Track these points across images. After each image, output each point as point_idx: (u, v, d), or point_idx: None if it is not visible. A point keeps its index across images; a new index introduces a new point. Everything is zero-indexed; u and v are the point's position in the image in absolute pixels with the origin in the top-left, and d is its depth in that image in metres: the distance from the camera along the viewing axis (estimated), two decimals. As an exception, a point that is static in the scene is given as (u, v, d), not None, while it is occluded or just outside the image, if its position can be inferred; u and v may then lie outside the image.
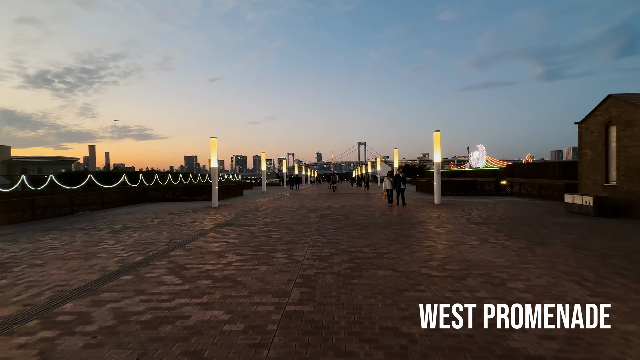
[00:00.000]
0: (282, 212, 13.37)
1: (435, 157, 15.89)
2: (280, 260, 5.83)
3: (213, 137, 16.59)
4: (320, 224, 9.89)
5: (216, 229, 9.52)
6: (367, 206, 14.95)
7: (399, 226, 9.39)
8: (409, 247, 6.70)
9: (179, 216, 12.69)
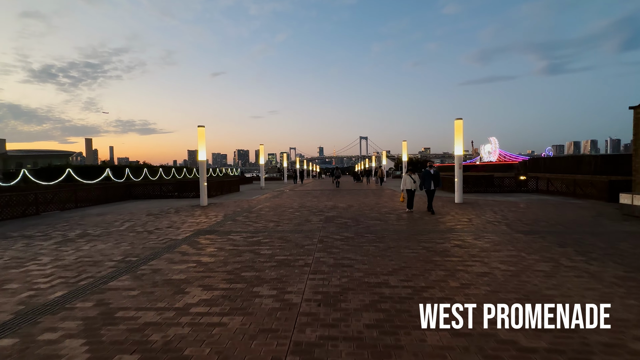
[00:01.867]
0: (278, 213, 11.32)
1: (457, 149, 13.74)
2: (264, 304, 3.77)
3: (201, 126, 14.49)
4: (324, 232, 7.83)
5: (192, 238, 7.48)
6: (378, 206, 12.87)
7: (426, 236, 7.32)
8: (455, 276, 4.63)
9: (156, 218, 10.67)
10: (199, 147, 14.46)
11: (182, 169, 38.34)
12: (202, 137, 14.47)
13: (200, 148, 14.46)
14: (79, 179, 20.79)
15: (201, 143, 14.45)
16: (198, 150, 14.48)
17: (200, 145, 14.45)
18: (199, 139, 14.45)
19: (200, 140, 14.44)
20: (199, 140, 14.45)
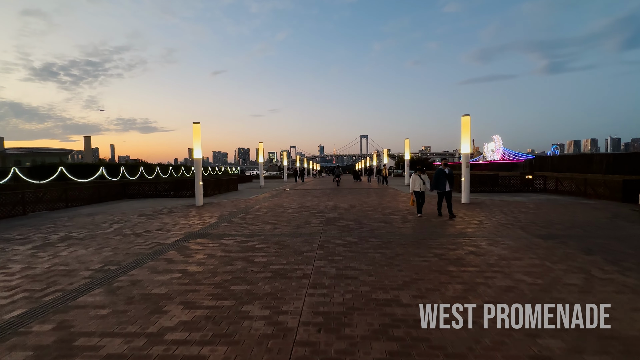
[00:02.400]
0: (277, 214, 10.72)
1: (464, 147, 13.12)
2: (254, 329, 3.18)
3: (196, 123, 13.88)
4: (325, 236, 7.23)
5: (182, 243, 6.89)
6: (381, 207, 12.27)
7: (436, 240, 6.72)
8: (476, 291, 4.03)
9: (147, 220, 10.08)
10: (195, 144, 13.85)
11: (180, 167, 37.61)
12: (197, 134, 13.86)
13: (195, 145, 13.85)
14: (73, 178, 20.23)
15: (197, 140, 13.84)
16: (194, 147, 13.87)
17: (195, 142, 13.84)
18: (194, 136, 13.84)
19: (195, 137, 13.83)
20: (194, 137, 13.84)
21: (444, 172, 9.38)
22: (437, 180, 9.39)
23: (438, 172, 9.43)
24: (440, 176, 9.34)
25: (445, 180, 9.30)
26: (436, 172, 9.50)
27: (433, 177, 9.45)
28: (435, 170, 9.78)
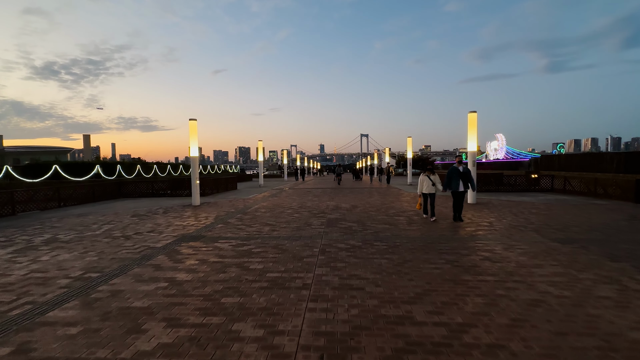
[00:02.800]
0: (276, 215, 10.26)
1: (470, 145, 12.63)
2: (245, 355, 2.70)
3: (192, 120, 13.40)
4: (326, 240, 6.76)
5: (173, 246, 6.43)
6: (385, 207, 11.79)
7: (446, 244, 6.24)
8: (499, 306, 3.55)
9: (140, 220, 9.62)
10: (191, 142, 13.38)
11: (179, 166, 37.09)
12: (194, 131, 13.38)
13: (192, 143, 13.37)
14: (67, 176, 19.75)
15: (193, 138, 13.37)
16: (190, 145, 13.39)
17: (192, 140, 13.37)
18: (190, 133, 13.36)
19: (192, 134, 13.36)
20: (191, 135, 13.36)
21: (458, 171, 8.43)
22: (450, 180, 8.47)
23: (451, 171, 8.48)
24: (454, 175, 8.42)
25: (459, 179, 8.38)
26: (449, 170, 8.56)
27: (446, 175, 8.54)
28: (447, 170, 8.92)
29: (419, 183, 8.79)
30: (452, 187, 8.46)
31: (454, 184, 8.45)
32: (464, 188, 8.45)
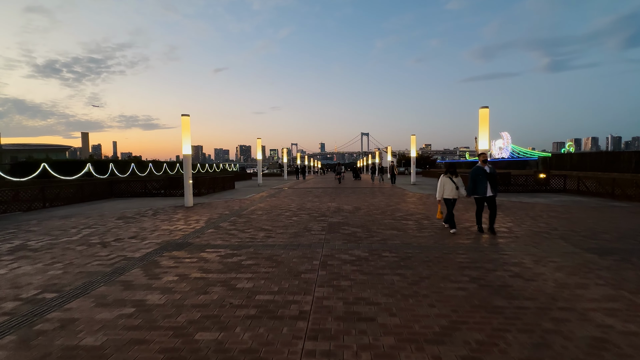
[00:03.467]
0: (272, 218, 9.46)
1: (482, 143, 11.80)
2: None
3: (185, 115, 12.58)
4: (328, 249, 5.96)
5: (153, 256, 5.63)
6: (390, 209, 10.99)
7: (465, 255, 5.43)
8: (552, 348, 2.74)
9: (125, 224, 8.84)
10: (183, 139, 12.57)
11: (176, 164, 36.18)
12: (186, 127, 12.58)
13: (184, 140, 12.57)
14: (57, 175, 18.94)
15: (186, 134, 12.56)
16: (182, 142, 12.59)
17: (184, 137, 12.56)
18: (182, 130, 12.55)
19: (184, 131, 12.55)
20: (183, 132, 12.56)
21: (484, 171, 6.99)
22: (475, 182, 7.03)
23: (476, 171, 7.06)
24: (480, 176, 7.00)
25: (486, 181, 6.96)
26: (473, 170, 7.13)
27: (469, 177, 7.18)
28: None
29: (439, 186, 7.32)
30: (479, 191, 6.99)
31: (481, 187, 6.98)
32: (493, 192, 6.99)
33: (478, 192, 7.05)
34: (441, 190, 7.28)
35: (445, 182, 7.23)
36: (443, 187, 7.24)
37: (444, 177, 7.24)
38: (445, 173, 7.31)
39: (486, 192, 6.99)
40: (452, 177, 7.20)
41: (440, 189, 7.30)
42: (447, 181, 7.20)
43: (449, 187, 7.17)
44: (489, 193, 6.99)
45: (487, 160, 7.15)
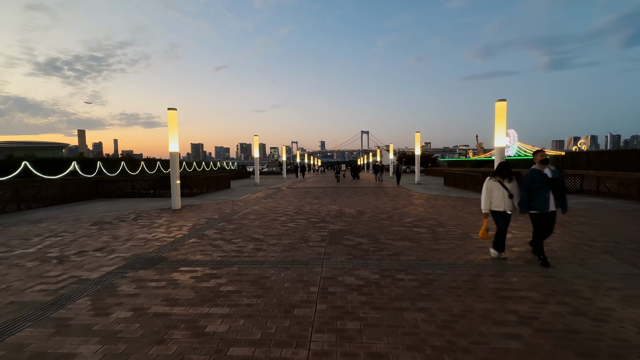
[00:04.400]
0: (265, 224, 8.37)
1: (498, 140, 10.68)
2: None
3: (172, 109, 11.47)
4: (329, 267, 4.87)
5: (113, 278, 4.55)
6: (398, 213, 9.91)
7: (501, 279, 4.35)
8: None
9: (97, 232, 7.76)
10: (170, 135, 11.45)
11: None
12: (173, 122, 11.46)
13: (171, 136, 11.45)
14: (39, 174, 17.83)
15: (172, 130, 11.44)
16: (169, 138, 11.48)
17: (171, 133, 11.44)
18: (169, 125, 11.44)
19: (171, 126, 11.43)
20: (170, 127, 11.44)
21: (545, 177, 4.82)
22: (530, 192, 4.91)
23: (532, 176, 4.90)
24: (537, 183, 4.83)
25: (547, 190, 4.81)
26: (528, 175, 4.96)
27: (522, 185, 5.03)
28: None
29: (485, 193, 5.28)
30: (537, 205, 4.87)
31: (539, 199, 4.84)
32: (557, 206, 4.86)
33: (535, 206, 4.88)
34: (488, 198, 5.26)
35: (492, 187, 5.24)
36: (490, 195, 5.25)
37: (492, 181, 5.26)
38: (493, 175, 5.32)
39: (547, 205, 4.81)
40: (504, 183, 5.15)
41: (486, 197, 5.27)
42: (496, 187, 5.21)
43: (499, 195, 5.17)
44: (551, 207, 4.82)
45: (547, 161, 4.98)
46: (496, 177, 5.24)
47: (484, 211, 5.31)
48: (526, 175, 5.00)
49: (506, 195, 5.13)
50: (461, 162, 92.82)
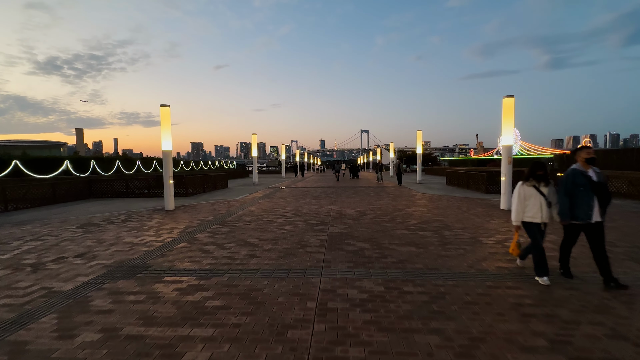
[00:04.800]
0: (261, 227, 7.91)
1: (505, 138, 10.23)
2: None
3: (164, 106, 11.00)
4: (328, 277, 4.41)
5: (86, 292, 4.09)
6: (401, 214, 9.45)
7: (518, 290, 3.89)
8: None
9: (83, 234, 7.31)
10: (163, 132, 10.98)
11: (173, 162, 34.47)
12: (166, 119, 10.99)
13: (164, 134, 10.98)
14: (30, 173, 17.37)
15: (165, 128, 10.97)
16: (162, 136, 11.01)
17: (164, 130, 10.97)
18: (162, 122, 10.97)
19: (163, 124, 10.96)
20: (163, 124, 10.97)
21: (588, 180, 3.98)
22: (573, 198, 4.04)
23: (573, 177, 4.05)
24: (581, 187, 3.99)
25: (592, 196, 3.96)
26: (568, 175, 4.12)
27: (561, 188, 4.13)
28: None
29: (517, 201, 4.27)
30: (579, 213, 4.01)
31: (583, 206, 3.98)
32: (602, 216, 3.99)
33: (578, 215, 4.02)
34: (520, 207, 4.24)
35: (527, 193, 4.21)
36: (524, 202, 4.22)
37: (525, 186, 4.23)
38: (526, 178, 4.25)
39: (591, 215, 3.95)
40: (538, 186, 4.16)
41: (518, 205, 4.25)
42: (531, 193, 4.19)
43: (535, 204, 4.15)
44: (595, 218, 3.96)
45: (594, 160, 4.09)
46: (530, 180, 4.22)
47: (515, 223, 4.31)
48: (566, 177, 4.15)
49: (544, 203, 4.12)
50: (463, 161, 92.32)
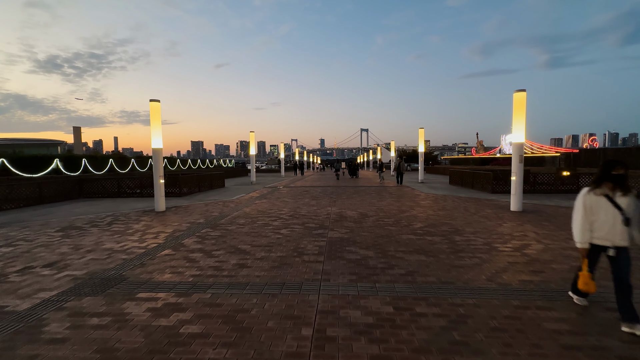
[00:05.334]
0: (255, 230, 7.31)
1: (516, 135, 9.61)
2: None
3: (154, 101, 10.37)
4: (327, 294, 3.81)
5: (43, 312, 3.48)
6: (405, 217, 8.85)
7: (553, 312, 3.30)
8: None
9: (61, 239, 6.71)
10: (153, 129, 10.36)
11: (170, 160, 33.72)
12: (156, 115, 10.37)
13: (154, 131, 10.35)
14: (18, 172, 16.73)
15: (155, 124, 10.35)
16: (152, 133, 10.39)
17: (153, 126, 10.35)
18: (152, 118, 10.34)
19: (153, 120, 10.34)
20: (153, 120, 10.34)
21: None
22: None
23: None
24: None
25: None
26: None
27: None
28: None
29: (582, 214, 3.06)
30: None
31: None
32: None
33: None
34: (585, 223, 3.05)
35: (596, 205, 2.99)
36: (591, 217, 3.03)
37: (594, 195, 3.00)
38: (595, 183, 3.02)
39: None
40: (613, 195, 2.93)
41: (583, 221, 3.06)
42: (602, 204, 2.96)
43: (607, 220, 2.94)
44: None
45: None
46: (602, 187, 2.96)
47: (580, 246, 3.10)
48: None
49: (619, 219, 2.88)
50: (465, 159, 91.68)
